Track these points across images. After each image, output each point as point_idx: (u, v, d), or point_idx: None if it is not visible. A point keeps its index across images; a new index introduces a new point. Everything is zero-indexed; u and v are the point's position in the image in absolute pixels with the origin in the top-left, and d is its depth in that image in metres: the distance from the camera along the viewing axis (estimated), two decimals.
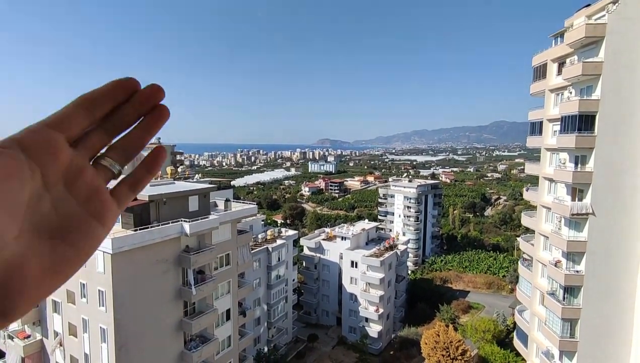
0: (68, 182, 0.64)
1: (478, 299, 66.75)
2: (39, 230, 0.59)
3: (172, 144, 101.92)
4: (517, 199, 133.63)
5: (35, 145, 0.60)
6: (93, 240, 0.65)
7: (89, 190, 0.66)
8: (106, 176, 0.71)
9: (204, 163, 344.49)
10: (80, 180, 0.66)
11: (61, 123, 0.64)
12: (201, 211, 32.03)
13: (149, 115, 0.72)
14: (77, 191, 0.65)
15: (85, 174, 0.67)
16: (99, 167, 0.70)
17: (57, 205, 0.62)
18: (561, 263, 31.93)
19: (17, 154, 0.58)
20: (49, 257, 0.59)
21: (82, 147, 0.68)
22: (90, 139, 0.69)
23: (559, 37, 34.10)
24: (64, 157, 0.64)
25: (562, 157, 32.39)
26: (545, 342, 33.81)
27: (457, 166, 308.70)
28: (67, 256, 0.61)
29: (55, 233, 0.61)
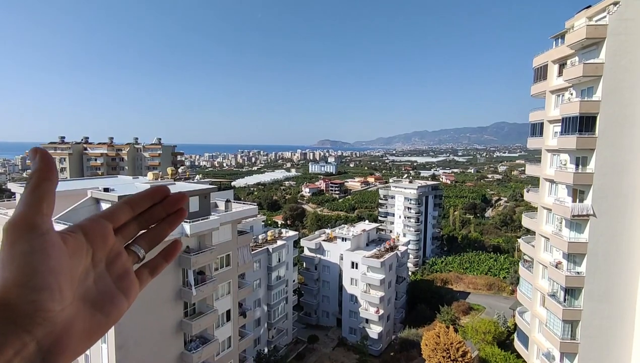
0: (108, 262, 0.83)
1: (478, 300, 66.64)
2: (84, 300, 0.74)
3: (172, 144, 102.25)
4: (518, 200, 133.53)
5: (92, 231, 0.80)
6: (119, 311, 0.80)
7: (122, 270, 0.84)
8: (134, 259, 0.90)
9: (205, 164, 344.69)
10: (118, 261, 0.84)
11: (112, 215, 0.85)
12: (202, 212, 32.02)
13: (173, 215, 0.94)
14: (114, 270, 0.83)
15: (121, 257, 0.86)
16: (129, 251, 0.90)
17: (98, 280, 0.79)
18: (562, 264, 31.87)
19: (80, 237, 0.77)
20: (89, 323, 0.73)
21: (120, 235, 0.88)
22: (128, 229, 0.89)
23: (560, 39, 34.09)
24: (111, 242, 0.83)
25: (563, 159, 32.35)
26: (546, 343, 33.74)
27: (457, 167, 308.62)
28: (100, 323, 0.75)
29: (95, 303, 0.76)
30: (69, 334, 0.68)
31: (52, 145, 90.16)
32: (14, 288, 0.63)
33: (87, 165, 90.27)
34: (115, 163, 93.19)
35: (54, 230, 0.72)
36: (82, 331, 0.71)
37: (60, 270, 0.68)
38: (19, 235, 0.67)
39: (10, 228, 0.68)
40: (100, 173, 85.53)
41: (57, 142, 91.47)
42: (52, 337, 0.65)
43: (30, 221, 0.69)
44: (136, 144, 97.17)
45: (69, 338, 0.68)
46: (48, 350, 0.64)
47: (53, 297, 0.66)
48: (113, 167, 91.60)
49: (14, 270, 0.65)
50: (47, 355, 0.64)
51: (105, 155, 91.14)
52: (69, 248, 0.73)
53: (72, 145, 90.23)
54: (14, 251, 0.66)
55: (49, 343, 0.65)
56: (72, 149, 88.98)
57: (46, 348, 0.64)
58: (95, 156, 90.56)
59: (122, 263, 0.85)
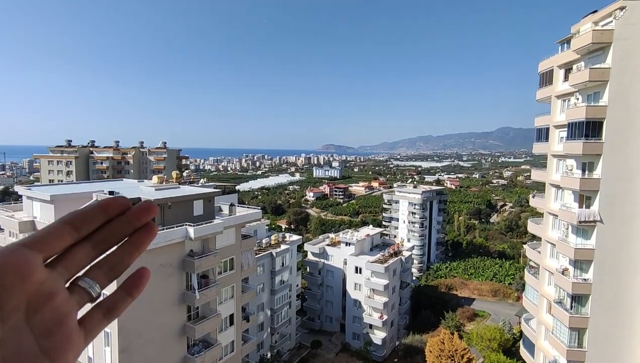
0: (30, 311, 0.55)
1: (483, 307, 66.01)
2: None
3: (177, 148, 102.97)
4: (523, 206, 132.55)
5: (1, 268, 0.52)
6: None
7: (53, 320, 0.57)
8: (81, 300, 0.63)
9: (209, 168, 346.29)
10: (47, 308, 0.56)
11: (43, 242, 0.58)
12: (206, 215, 32.11)
13: (137, 233, 0.68)
14: (39, 322, 0.55)
15: (53, 301, 0.57)
16: (76, 289, 0.63)
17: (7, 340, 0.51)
18: (568, 271, 31.51)
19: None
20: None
21: (60, 266, 0.61)
22: (73, 256, 0.62)
23: (566, 43, 33.99)
24: (32, 281, 0.55)
25: (569, 164, 32.10)
26: (552, 351, 33.28)
27: (462, 172, 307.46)
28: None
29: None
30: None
31: (59, 148, 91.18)
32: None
33: (93, 169, 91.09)
34: (121, 166, 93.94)
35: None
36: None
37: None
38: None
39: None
40: (106, 176, 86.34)
41: (64, 145, 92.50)
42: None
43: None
44: (141, 147, 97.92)
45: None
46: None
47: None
48: (119, 171, 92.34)
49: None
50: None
51: (111, 158, 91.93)
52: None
53: (79, 148, 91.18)
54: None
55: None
56: (78, 152, 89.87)
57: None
58: (101, 160, 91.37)
59: (54, 309, 0.57)
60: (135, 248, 0.70)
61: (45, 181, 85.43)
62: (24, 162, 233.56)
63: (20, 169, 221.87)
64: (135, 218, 0.68)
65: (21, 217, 32.74)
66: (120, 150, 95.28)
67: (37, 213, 32.27)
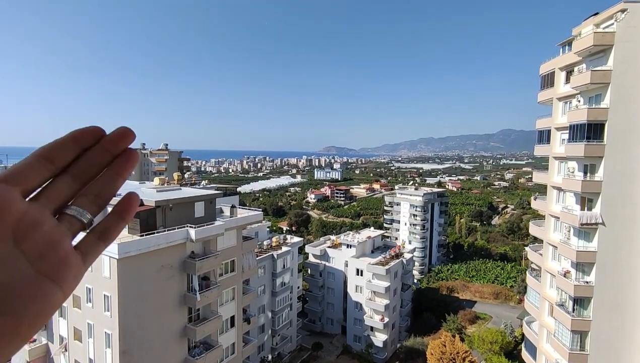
0: (18, 238, 0.57)
1: (485, 309, 65.80)
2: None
3: (179, 150, 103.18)
4: (525, 208, 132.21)
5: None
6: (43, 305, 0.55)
7: (45, 244, 0.59)
8: (73, 227, 0.65)
9: (211, 169, 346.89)
10: (35, 235, 0.59)
11: (17, 176, 0.60)
12: (207, 217, 32.14)
13: (118, 159, 0.69)
14: (30, 247, 0.58)
15: (41, 228, 0.60)
16: (65, 217, 0.65)
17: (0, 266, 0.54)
18: (570, 273, 31.41)
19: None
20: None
21: (43, 198, 0.63)
22: (54, 188, 0.64)
23: (567, 46, 34.00)
24: (14, 211, 0.57)
25: (571, 166, 32.05)
26: (554, 354, 33.14)
27: (463, 174, 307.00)
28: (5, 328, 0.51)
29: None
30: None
31: None
32: None
33: None
34: None
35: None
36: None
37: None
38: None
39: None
40: None
41: None
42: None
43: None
44: (143, 149, 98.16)
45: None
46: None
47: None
48: None
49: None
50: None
51: None
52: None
53: None
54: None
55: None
56: None
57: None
58: None
59: (44, 235, 0.60)
60: (118, 175, 0.70)
61: None
62: None
63: None
64: (112, 146, 0.68)
65: None
66: None
67: None
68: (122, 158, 0.69)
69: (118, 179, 0.70)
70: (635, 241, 28.58)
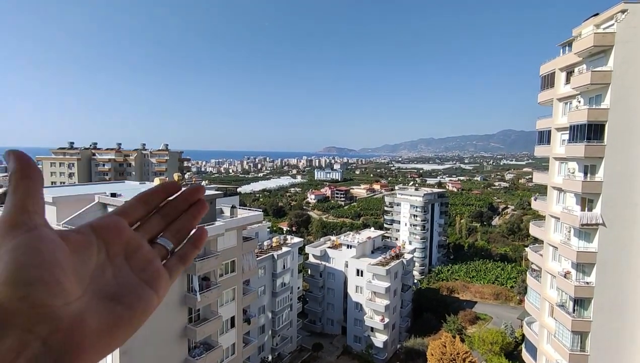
0: (127, 255, 0.81)
1: (485, 310, 65.78)
2: (100, 294, 0.71)
3: (179, 150, 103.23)
4: (525, 209, 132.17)
5: (103, 227, 0.80)
6: (146, 303, 0.77)
7: (144, 261, 0.83)
8: (161, 252, 0.89)
9: (211, 170, 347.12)
10: (138, 254, 0.83)
11: (124, 212, 0.87)
12: (207, 217, 32.12)
13: (192, 207, 0.96)
14: (135, 262, 0.81)
15: (142, 249, 0.84)
16: (156, 245, 0.90)
17: (117, 274, 0.77)
18: (571, 274, 31.40)
19: (89, 233, 0.77)
20: (107, 317, 0.68)
21: (142, 229, 0.89)
22: (149, 224, 0.91)
23: (567, 46, 34.02)
24: (125, 235, 0.82)
25: (571, 167, 32.05)
26: (554, 355, 33.12)
27: (464, 175, 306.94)
28: (123, 316, 0.71)
29: (114, 296, 0.72)
30: (82, 331, 0.63)
31: (61, 150, 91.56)
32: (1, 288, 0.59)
33: (95, 171, 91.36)
34: (123, 168, 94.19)
35: (45, 227, 0.70)
36: (99, 327, 0.66)
37: (56, 263, 0.65)
38: (3, 235, 0.66)
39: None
40: (108, 178, 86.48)
41: (66, 147, 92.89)
42: (60, 334, 0.60)
43: (12, 220, 0.67)
44: (143, 149, 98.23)
45: (82, 335, 0.63)
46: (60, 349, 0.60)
47: (50, 291, 0.61)
48: (120, 173, 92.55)
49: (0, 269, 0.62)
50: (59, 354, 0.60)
51: (113, 160, 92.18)
52: (71, 244, 0.71)
53: (81, 150, 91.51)
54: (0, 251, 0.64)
55: (59, 341, 0.60)
56: (80, 154, 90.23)
57: (57, 347, 0.59)
58: (103, 161, 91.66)
59: (143, 255, 0.84)
60: (193, 217, 0.96)
61: (48, 183, 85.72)
62: None
63: None
64: (189, 196, 0.95)
65: None
66: (123, 152, 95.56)
67: None
68: (196, 206, 0.96)
69: (193, 220, 0.95)
70: (636, 241, 28.57)
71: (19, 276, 0.60)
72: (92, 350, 0.64)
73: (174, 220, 0.95)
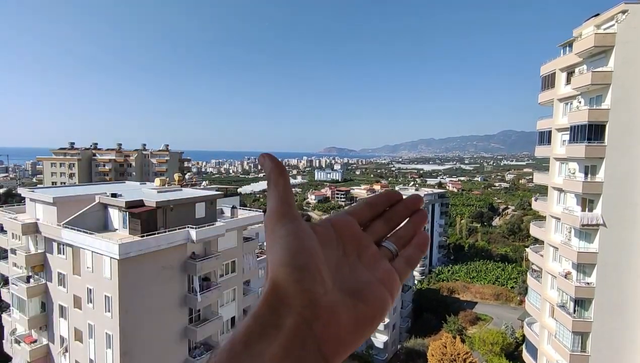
0: (359, 253, 0.83)
1: (486, 310, 65.73)
2: (342, 289, 0.72)
3: (180, 150, 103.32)
4: (526, 209, 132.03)
5: (340, 224, 0.85)
6: (383, 302, 0.76)
7: (374, 260, 0.84)
8: (387, 254, 0.89)
9: (211, 170, 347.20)
10: (368, 253, 0.85)
11: (354, 212, 0.91)
12: (208, 218, 32.17)
13: (414, 215, 0.96)
14: (367, 261, 0.83)
15: (371, 249, 0.86)
16: (381, 247, 0.90)
17: (353, 271, 0.79)
18: (571, 274, 31.38)
19: (330, 228, 0.83)
20: (353, 312, 0.70)
21: (369, 231, 0.92)
22: (375, 226, 0.93)
23: (568, 47, 34.02)
24: (357, 234, 0.86)
25: (572, 167, 32.04)
26: (555, 355, 33.08)
27: (464, 175, 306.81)
28: (365, 314, 0.71)
29: (354, 292, 0.73)
30: (336, 321, 0.67)
31: (61, 150, 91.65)
32: (280, 268, 0.67)
33: (96, 171, 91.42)
34: (123, 169, 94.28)
35: (301, 219, 0.78)
36: (348, 320, 0.69)
37: (315, 253, 0.71)
38: (275, 223, 0.74)
39: (268, 219, 0.77)
40: (108, 179, 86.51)
41: (67, 148, 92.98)
42: (320, 321, 0.65)
43: (280, 210, 0.76)
44: (144, 150, 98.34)
45: (337, 325, 0.67)
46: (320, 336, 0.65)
47: (314, 278, 0.67)
48: (121, 173, 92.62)
49: (277, 252, 0.70)
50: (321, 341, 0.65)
51: (114, 161, 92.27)
52: (319, 236, 0.77)
53: (81, 151, 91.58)
54: (274, 236, 0.73)
55: (320, 328, 0.65)
56: (81, 154, 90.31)
57: (318, 333, 0.65)
58: (104, 162, 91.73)
59: (372, 254, 0.85)
60: (414, 226, 0.95)
61: (48, 183, 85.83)
62: (27, 164, 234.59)
63: (23, 171, 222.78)
64: (410, 205, 0.97)
65: (24, 218, 32.89)
66: (123, 152, 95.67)
67: (39, 215, 32.41)
68: (417, 215, 0.97)
69: (414, 228, 0.95)
70: (637, 242, 28.54)
71: (294, 260, 0.67)
72: (344, 343, 0.67)
73: (396, 225, 0.96)
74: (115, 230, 29.92)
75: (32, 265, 31.95)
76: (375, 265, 0.83)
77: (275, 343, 0.62)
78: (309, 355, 0.63)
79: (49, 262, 31.58)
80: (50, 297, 31.94)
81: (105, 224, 30.62)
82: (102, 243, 26.16)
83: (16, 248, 33.08)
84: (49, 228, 30.39)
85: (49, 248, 31.21)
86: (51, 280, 31.51)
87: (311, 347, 0.64)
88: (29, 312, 32.08)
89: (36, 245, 32.77)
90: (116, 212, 29.93)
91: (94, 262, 27.10)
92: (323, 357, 0.65)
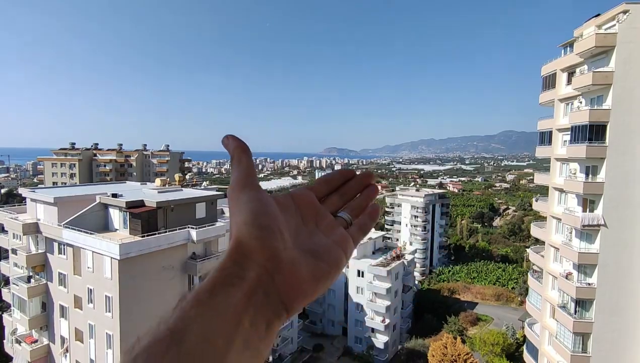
0: (317, 222, 0.95)
1: (486, 311, 65.62)
2: (303, 249, 0.83)
3: (180, 151, 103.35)
4: (526, 210, 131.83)
5: (299, 196, 0.97)
6: (339, 261, 0.88)
7: (331, 227, 0.96)
8: (342, 223, 1.01)
9: (212, 170, 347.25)
10: (325, 221, 0.97)
11: (313, 188, 1.03)
12: (208, 218, 32.17)
13: (366, 190, 1.10)
14: (323, 228, 0.95)
15: (328, 218, 0.98)
16: (338, 217, 1.02)
17: (311, 236, 0.90)
18: (572, 275, 31.32)
19: (289, 199, 0.94)
20: (312, 267, 0.80)
21: (326, 204, 1.04)
22: (331, 200, 1.06)
23: (569, 47, 33.98)
24: (315, 205, 0.98)
25: (573, 168, 31.99)
26: (556, 356, 33.02)
27: (465, 176, 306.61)
28: (322, 268, 0.82)
29: (314, 253, 0.84)
30: (296, 274, 0.76)
31: (62, 151, 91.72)
32: (243, 226, 0.78)
33: (96, 171, 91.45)
34: (124, 169, 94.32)
35: (263, 189, 0.89)
36: (307, 274, 0.78)
37: (276, 216, 0.82)
38: (239, 191, 0.86)
39: (231, 189, 0.88)
40: (109, 179, 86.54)
41: (68, 148, 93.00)
42: (282, 273, 0.74)
43: (243, 181, 0.88)
44: (144, 150, 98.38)
45: (297, 277, 0.76)
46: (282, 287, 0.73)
47: (274, 236, 0.77)
48: (122, 173, 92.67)
49: (241, 214, 0.81)
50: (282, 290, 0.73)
51: (114, 161, 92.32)
52: (279, 204, 0.88)
53: (82, 151, 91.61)
54: (238, 202, 0.84)
55: (281, 279, 0.74)
56: (81, 155, 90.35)
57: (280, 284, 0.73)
58: (105, 162, 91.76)
59: (329, 223, 0.96)
60: (366, 198, 1.08)
61: (49, 183, 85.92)
62: (27, 165, 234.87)
63: (24, 171, 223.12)
64: (364, 180, 1.10)
65: (25, 218, 32.92)
66: (124, 152, 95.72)
67: (40, 215, 32.42)
68: (369, 189, 1.10)
69: (367, 200, 1.09)
70: (638, 242, 28.49)
71: (256, 220, 0.78)
72: (304, 294, 0.77)
73: (350, 199, 1.08)
74: (115, 230, 29.93)
75: (32, 265, 31.97)
76: (332, 232, 0.94)
77: (239, 291, 0.69)
78: (270, 302, 0.71)
79: (49, 262, 31.59)
80: (50, 297, 31.95)
81: (105, 224, 30.62)
82: (102, 244, 26.16)
83: (17, 248, 33.11)
84: (50, 228, 30.41)
85: (50, 248, 31.22)
86: (52, 280, 31.52)
87: (273, 295, 0.72)
88: (30, 312, 32.09)
89: (37, 245, 32.79)
90: (117, 212, 29.93)
91: (95, 262, 27.10)
92: (283, 305, 0.74)
